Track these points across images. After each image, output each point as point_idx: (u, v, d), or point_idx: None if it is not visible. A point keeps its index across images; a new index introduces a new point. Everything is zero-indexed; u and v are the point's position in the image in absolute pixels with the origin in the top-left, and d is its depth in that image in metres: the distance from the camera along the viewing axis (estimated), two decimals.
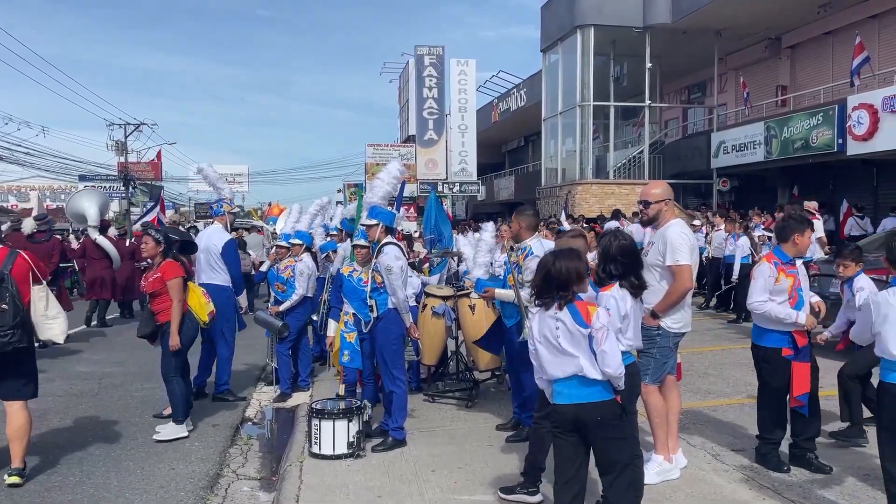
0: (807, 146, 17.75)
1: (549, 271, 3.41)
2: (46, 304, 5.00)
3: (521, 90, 32.79)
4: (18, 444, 4.92)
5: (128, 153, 46.05)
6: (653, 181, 5.03)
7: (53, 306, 5.05)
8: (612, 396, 3.38)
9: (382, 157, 31.88)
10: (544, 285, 3.42)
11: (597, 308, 3.40)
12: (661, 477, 4.66)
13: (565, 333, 3.37)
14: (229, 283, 7.30)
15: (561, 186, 24.84)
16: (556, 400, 3.49)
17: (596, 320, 3.32)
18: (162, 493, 4.84)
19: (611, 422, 3.38)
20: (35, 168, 43.69)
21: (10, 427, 4.92)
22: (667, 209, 4.82)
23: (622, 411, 3.41)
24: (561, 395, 3.46)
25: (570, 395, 3.42)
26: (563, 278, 3.38)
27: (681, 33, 22.07)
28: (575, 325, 3.34)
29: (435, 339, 6.90)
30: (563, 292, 3.38)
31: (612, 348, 3.30)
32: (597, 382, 3.36)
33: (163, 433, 5.96)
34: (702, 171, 22.72)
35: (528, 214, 5.52)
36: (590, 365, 3.35)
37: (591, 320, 3.32)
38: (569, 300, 3.37)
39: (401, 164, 6.23)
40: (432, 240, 8.39)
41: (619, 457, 3.45)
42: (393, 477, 4.90)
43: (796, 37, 21.79)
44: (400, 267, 5.44)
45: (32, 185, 53.27)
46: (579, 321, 3.34)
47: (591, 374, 3.34)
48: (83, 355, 9.85)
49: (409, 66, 36.85)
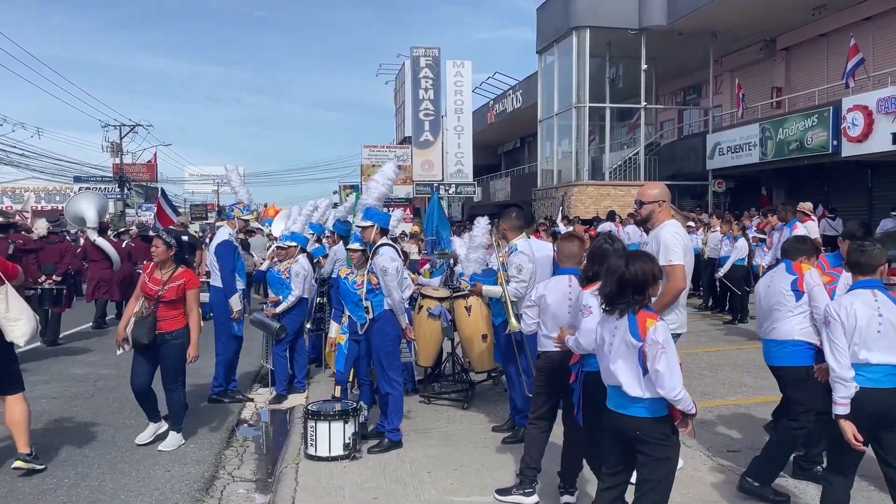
0: (802, 148, 17.80)
1: (622, 275, 3.25)
2: (6, 306, 4.97)
3: (517, 92, 32.81)
4: (19, 431, 5.14)
5: (123, 154, 46.00)
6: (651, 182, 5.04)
7: (14, 308, 5.01)
8: (655, 415, 3.19)
9: (378, 158, 31.84)
10: (618, 290, 3.26)
11: (656, 322, 3.18)
12: None
13: (618, 342, 3.26)
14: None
15: (557, 188, 24.86)
16: (607, 404, 3.41)
17: (651, 335, 3.13)
18: (157, 496, 4.83)
19: (650, 440, 3.21)
20: (30, 169, 43.67)
21: (8, 416, 5.16)
22: (660, 210, 4.82)
23: (668, 433, 3.23)
24: (609, 401, 3.40)
25: (615, 403, 3.35)
26: (640, 281, 3.24)
27: (676, 35, 22.12)
28: (629, 335, 3.20)
29: (431, 340, 6.89)
30: (638, 296, 3.24)
31: (667, 368, 3.09)
32: (640, 399, 3.21)
33: (168, 444, 5.78)
34: (697, 173, 22.77)
35: (512, 216, 5.70)
36: (631, 380, 3.21)
37: (645, 334, 3.15)
38: (641, 305, 3.24)
39: (395, 165, 6.24)
40: (433, 241, 8.39)
41: (653, 476, 3.25)
42: (389, 478, 4.90)
43: (791, 39, 21.86)
44: (395, 268, 5.45)
45: (27, 186, 53.08)
46: (634, 333, 3.19)
47: (631, 391, 3.21)
48: (78, 357, 9.81)
49: (405, 67, 36.87)
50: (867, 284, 3.65)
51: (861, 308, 3.56)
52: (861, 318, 3.54)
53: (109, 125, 45.93)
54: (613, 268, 3.32)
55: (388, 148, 35.98)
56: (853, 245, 3.87)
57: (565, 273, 4.60)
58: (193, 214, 47.44)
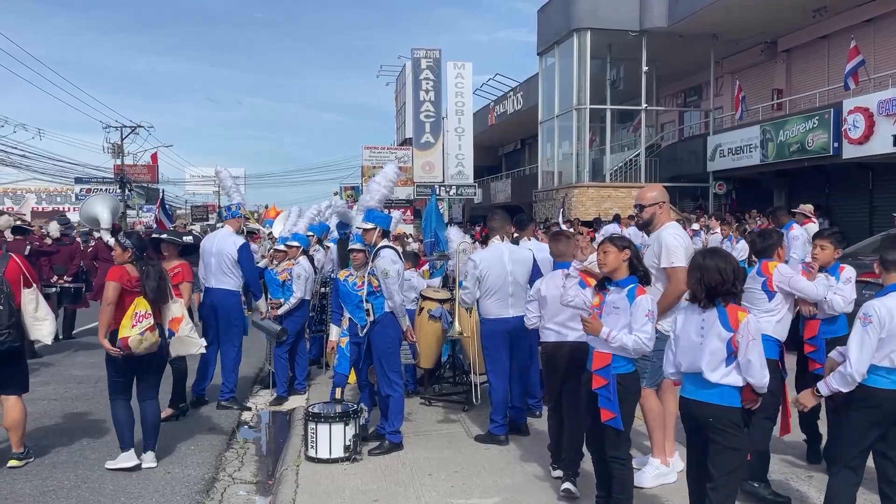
0: (803, 149, 17.79)
1: (704, 270, 3.42)
2: (36, 307, 5.27)
3: (518, 93, 32.82)
4: (16, 433, 5.31)
5: (124, 156, 46.01)
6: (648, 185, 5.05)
7: (42, 308, 5.34)
8: (731, 405, 3.35)
9: (379, 159, 31.82)
10: (699, 286, 3.43)
11: (747, 315, 3.35)
12: (657, 480, 4.67)
13: (704, 333, 3.40)
14: (240, 288, 7.19)
15: (557, 189, 24.86)
16: (681, 392, 3.59)
17: (744, 327, 3.30)
18: (157, 497, 4.82)
19: (722, 428, 3.35)
20: (31, 171, 43.73)
21: (7, 419, 5.30)
22: (661, 212, 4.83)
23: (739, 423, 3.37)
24: (684, 389, 3.55)
25: (690, 390, 3.49)
26: (718, 276, 3.38)
27: (677, 37, 22.11)
28: (719, 326, 3.35)
29: (431, 342, 6.88)
30: (721, 290, 3.38)
31: (758, 358, 3.29)
32: (717, 385, 3.36)
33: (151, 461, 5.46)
34: (698, 175, 22.76)
35: (495, 218, 5.90)
36: (713, 368, 3.36)
37: (737, 326, 3.31)
38: (727, 299, 3.38)
39: (397, 167, 6.23)
40: (432, 243, 8.39)
41: (722, 468, 3.34)
42: (389, 481, 4.89)
43: (792, 41, 21.85)
44: (397, 270, 5.45)
45: (29, 187, 53.14)
46: (724, 324, 3.35)
47: (711, 377, 3.37)
48: (78, 358, 9.81)
49: (405, 68, 36.87)
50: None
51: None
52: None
53: (111, 126, 45.95)
54: (695, 263, 3.52)
55: (388, 149, 35.99)
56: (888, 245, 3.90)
57: (559, 268, 4.75)
58: (194, 216, 47.47)
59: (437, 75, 32.02)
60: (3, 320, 4.99)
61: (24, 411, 5.36)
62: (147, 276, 5.21)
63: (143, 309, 5.12)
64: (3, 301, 4.99)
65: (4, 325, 4.98)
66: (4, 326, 4.98)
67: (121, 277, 5.18)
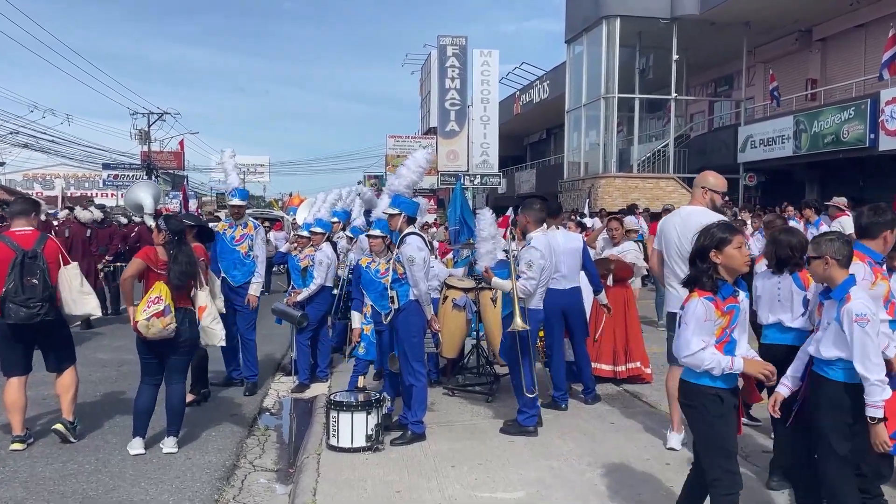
0: (837, 141, 17.38)
1: (779, 243, 4.36)
2: (81, 281, 5.55)
3: (545, 82, 32.50)
4: (66, 394, 5.54)
5: (151, 142, 46.41)
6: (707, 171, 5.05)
7: (86, 283, 5.66)
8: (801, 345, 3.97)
9: (403, 148, 31.79)
10: (775, 257, 4.36)
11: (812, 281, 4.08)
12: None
13: (783, 291, 4.31)
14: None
15: (584, 179, 24.59)
16: (763, 341, 4.41)
17: (813, 286, 4.07)
18: (177, 483, 4.77)
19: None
20: (59, 156, 44.28)
21: (60, 383, 5.59)
22: None
23: None
24: (766, 337, 4.42)
25: (772, 336, 4.37)
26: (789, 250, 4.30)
27: (709, 25, 21.70)
28: (794, 286, 4.29)
29: (455, 331, 6.76)
30: (792, 261, 4.26)
31: None
32: (793, 330, 4.27)
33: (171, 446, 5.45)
34: (728, 166, 22.36)
35: (535, 208, 5.66)
36: (791, 318, 4.29)
37: (808, 285, 4.19)
38: (798, 267, 4.25)
39: (428, 153, 6.08)
40: (457, 231, 8.24)
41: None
42: (412, 472, 4.79)
43: (828, 29, 21.33)
44: (423, 258, 5.33)
45: (57, 172, 53.81)
46: (798, 285, 4.29)
47: (791, 324, 4.29)
48: (103, 341, 9.86)
49: (431, 57, 36.70)
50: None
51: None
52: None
53: (138, 113, 46.38)
54: (773, 238, 4.49)
55: (413, 138, 35.92)
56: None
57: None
58: (220, 203, 47.80)
59: (462, 63, 31.82)
60: (38, 293, 5.20)
61: (76, 377, 5.66)
62: (175, 260, 5.20)
63: (157, 294, 5.12)
64: (39, 276, 5.23)
65: (38, 297, 5.20)
66: (38, 299, 5.19)
67: (147, 256, 5.27)
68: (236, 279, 7.17)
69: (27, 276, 5.19)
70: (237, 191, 7.32)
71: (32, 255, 5.25)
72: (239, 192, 7.32)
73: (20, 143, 40.54)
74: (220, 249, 7.10)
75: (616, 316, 6.84)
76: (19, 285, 5.15)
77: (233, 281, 7.14)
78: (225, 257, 7.14)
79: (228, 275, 7.12)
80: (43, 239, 5.43)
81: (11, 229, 5.44)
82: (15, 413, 5.33)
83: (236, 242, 7.18)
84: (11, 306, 5.14)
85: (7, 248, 5.26)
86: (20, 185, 53.12)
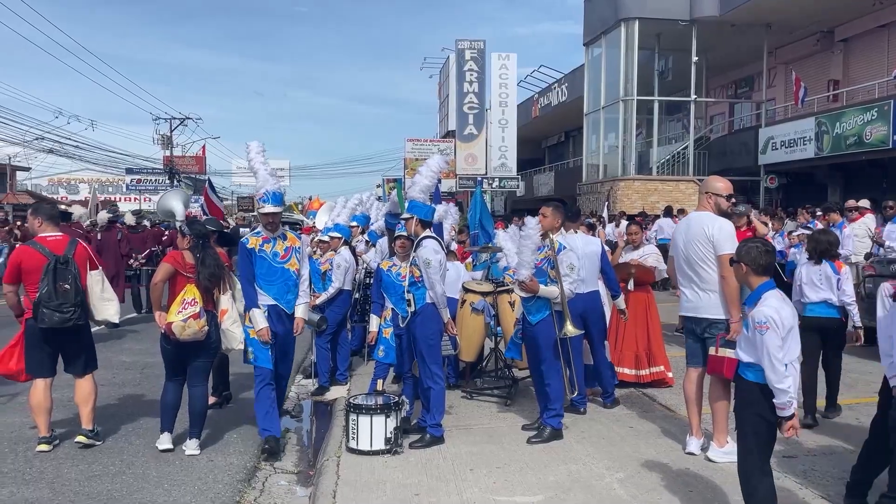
0: (860, 142, 17.18)
1: (818, 241, 5.93)
2: (102, 287, 5.61)
3: (563, 85, 32.43)
4: (85, 406, 5.55)
5: (173, 147, 46.93)
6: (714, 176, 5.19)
7: (108, 289, 5.69)
8: (840, 317, 5.79)
9: (422, 152, 31.85)
10: (814, 251, 5.90)
11: (844, 265, 5.98)
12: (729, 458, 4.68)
13: (823, 277, 5.80)
14: None
15: (602, 182, 24.50)
16: (806, 314, 5.77)
17: (844, 270, 5.87)
18: (200, 485, 4.84)
19: (839, 332, 5.81)
20: (84, 161, 44.94)
21: (78, 394, 5.59)
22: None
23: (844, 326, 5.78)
24: (811, 311, 5.82)
25: (816, 311, 5.81)
26: (826, 245, 5.89)
27: (729, 26, 21.55)
28: (831, 271, 5.80)
29: (474, 335, 6.79)
30: (829, 253, 5.84)
31: (851, 289, 5.84)
32: (834, 306, 5.79)
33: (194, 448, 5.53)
34: (748, 168, 22.19)
35: (560, 210, 5.76)
36: (832, 296, 5.77)
37: (841, 270, 5.81)
38: (833, 258, 5.86)
39: (442, 159, 6.11)
40: (476, 235, 8.27)
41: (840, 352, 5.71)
42: (430, 475, 4.81)
43: (850, 30, 21.10)
44: (438, 261, 5.38)
45: (81, 177, 54.55)
46: (833, 270, 5.81)
47: (833, 302, 5.78)
48: (125, 344, 10.00)
49: (449, 61, 36.75)
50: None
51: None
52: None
53: (160, 118, 47.04)
54: (812, 237, 6.17)
55: (431, 142, 35.98)
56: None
57: None
58: (240, 206, 48.18)
59: (481, 67, 31.80)
60: (70, 298, 5.29)
61: (93, 387, 5.63)
62: (202, 263, 5.34)
63: (191, 296, 5.26)
64: (72, 281, 5.32)
65: (71, 302, 5.29)
66: (71, 304, 5.29)
67: (175, 261, 5.40)
68: (291, 305, 5.72)
69: (60, 282, 5.27)
70: (270, 195, 5.65)
71: (64, 260, 5.34)
72: (273, 197, 5.69)
73: (45, 148, 41.23)
74: (263, 271, 5.60)
75: (638, 320, 6.84)
76: (52, 291, 5.23)
77: (287, 307, 5.70)
78: (274, 280, 5.62)
79: (282, 300, 5.66)
80: (73, 244, 5.51)
81: (41, 235, 5.50)
82: (41, 414, 5.42)
83: (282, 259, 5.68)
84: (45, 311, 5.22)
85: (39, 254, 5.35)
86: (45, 189, 53.96)
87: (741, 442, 3.70)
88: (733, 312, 4.77)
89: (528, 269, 5.39)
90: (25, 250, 5.45)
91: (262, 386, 5.58)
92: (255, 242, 5.64)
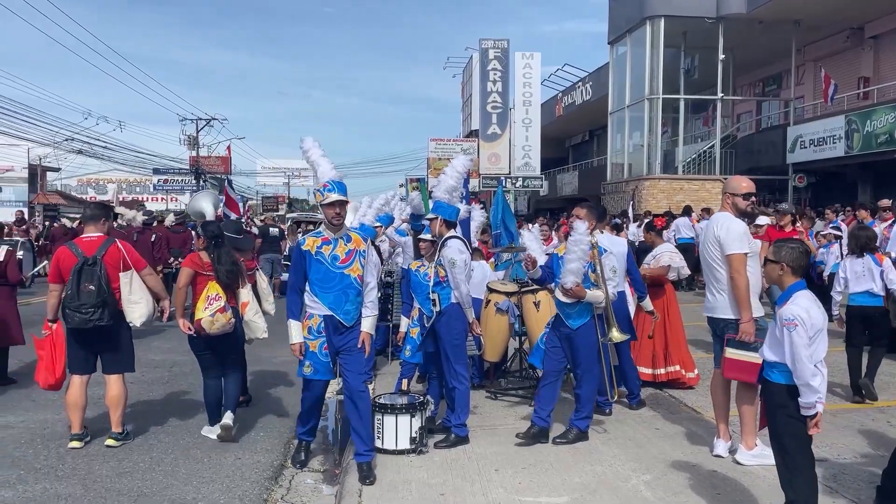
0: (891, 141, 16.89)
1: (859, 237, 6.73)
2: (130, 289, 5.55)
3: (587, 84, 32.28)
4: (115, 411, 5.57)
5: (199, 147, 47.46)
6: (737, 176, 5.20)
7: (136, 291, 5.57)
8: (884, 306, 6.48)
9: (445, 151, 31.89)
10: (856, 246, 6.68)
11: (885, 258, 6.69)
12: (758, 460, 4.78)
13: (866, 269, 6.54)
14: None
15: (627, 181, 24.34)
16: (851, 303, 6.61)
17: (886, 260, 6.57)
18: (228, 483, 4.89)
19: (883, 319, 6.50)
20: (112, 161, 45.66)
21: (108, 396, 5.61)
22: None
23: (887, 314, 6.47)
24: (854, 300, 6.60)
25: (860, 300, 6.57)
26: (866, 240, 6.70)
27: (756, 23, 21.30)
28: (873, 263, 6.54)
29: (498, 335, 6.78)
30: (869, 247, 6.63)
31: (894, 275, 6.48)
32: (877, 295, 6.51)
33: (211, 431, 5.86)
34: (776, 167, 21.91)
35: (594, 211, 5.81)
36: (875, 285, 6.48)
37: (882, 262, 6.51)
38: (874, 251, 6.66)
39: (468, 159, 6.13)
40: (498, 235, 8.25)
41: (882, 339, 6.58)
42: (455, 475, 4.82)
43: (880, 26, 20.75)
44: (463, 261, 5.39)
45: (110, 177, 55.38)
46: (875, 262, 6.55)
47: (875, 291, 6.51)
48: (154, 343, 10.12)
49: (472, 60, 36.73)
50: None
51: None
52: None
53: (187, 119, 47.60)
54: (853, 234, 6.94)
55: (454, 141, 35.99)
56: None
57: None
58: (265, 206, 48.62)
59: (504, 66, 31.76)
60: (91, 299, 5.29)
61: (123, 390, 5.62)
62: (219, 261, 5.65)
63: (214, 292, 5.53)
64: (95, 282, 5.32)
65: (90, 303, 5.28)
66: (90, 305, 5.28)
67: (193, 263, 5.72)
68: (350, 316, 4.93)
69: (84, 283, 5.32)
70: (334, 183, 4.90)
71: (92, 261, 5.39)
72: (337, 186, 4.91)
73: (75, 149, 42.01)
74: (319, 276, 4.89)
75: None
76: (76, 291, 5.30)
77: (345, 319, 4.90)
78: (330, 287, 4.88)
79: (339, 311, 4.89)
80: (106, 245, 5.52)
81: (81, 236, 5.67)
82: (75, 411, 5.51)
83: (342, 263, 4.90)
84: (68, 311, 5.32)
85: (71, 255, 5.45)
86: (75, 189, 54.87)
87: (777, 447, 3.62)
88: (743, 313, 4.77)
89: (576, 276, 5.20)
90: (63, 251, 5.57)
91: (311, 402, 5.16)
92: (311, 244, 4.92)
